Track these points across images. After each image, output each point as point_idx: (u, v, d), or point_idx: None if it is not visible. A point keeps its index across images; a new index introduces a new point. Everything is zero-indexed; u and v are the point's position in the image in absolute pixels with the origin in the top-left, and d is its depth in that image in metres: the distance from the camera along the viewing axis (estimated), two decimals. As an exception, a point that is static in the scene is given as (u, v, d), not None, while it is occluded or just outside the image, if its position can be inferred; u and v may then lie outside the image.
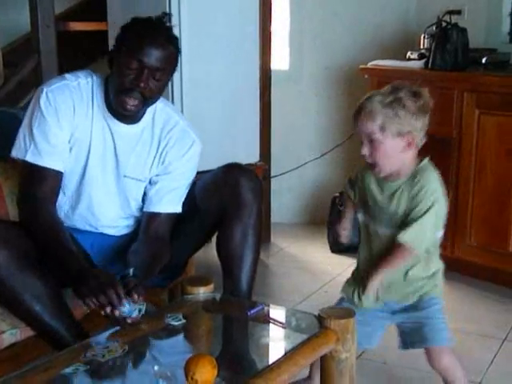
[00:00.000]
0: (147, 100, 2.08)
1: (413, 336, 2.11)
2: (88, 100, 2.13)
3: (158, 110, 2.19)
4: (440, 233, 2.07)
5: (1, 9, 3.76)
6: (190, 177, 2.27)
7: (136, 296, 1.84)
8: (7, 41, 4.12)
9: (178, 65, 2.14)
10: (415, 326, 2.09)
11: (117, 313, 1.81)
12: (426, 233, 1.99)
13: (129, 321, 1.83)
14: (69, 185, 2.16)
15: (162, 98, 2.21)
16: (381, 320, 2.13)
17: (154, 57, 2.02)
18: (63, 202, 2.18)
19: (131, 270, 1.92)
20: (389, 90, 2.00)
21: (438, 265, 2.11)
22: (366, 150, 2.00)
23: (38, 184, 2.07)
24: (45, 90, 2.09)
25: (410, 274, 2.05)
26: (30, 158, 2.08)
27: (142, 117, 2.17)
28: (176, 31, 2.16)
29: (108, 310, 1.81)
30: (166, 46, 2.06)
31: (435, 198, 1.99)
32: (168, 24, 2.13)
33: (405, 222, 1.99)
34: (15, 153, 2.12)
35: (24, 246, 1.99)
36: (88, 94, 2.13)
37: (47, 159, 2.08)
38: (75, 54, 3.91)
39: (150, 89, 2.05)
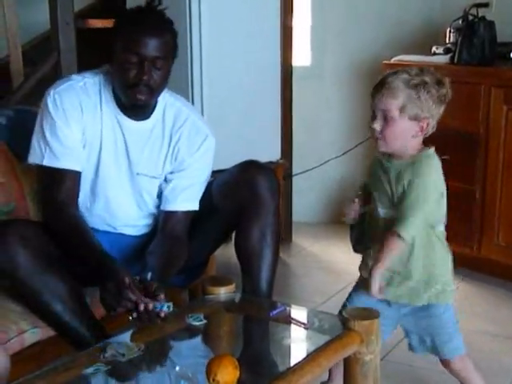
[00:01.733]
0: (154, 90, 2.07)
1: (422, 344, 2.12)
2: (96, 99, 2.14)
3: (169, 104, 2.19)
4: (441, 227, 2.06)
5: (20, 7, 3.78)
6: (206, 173, 2.26)
7: (161, 296, 1.85)
8: (26, 39, 4.16)
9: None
10: (423, 333, 2.10)
11: (150, 306, 1.82)
12: (416, 221, 1.97)
13: (162, 314, 1.84)
14: (83, 185, 2.18)
15: (172, 93, 2.21)
16: (388, 320, 2.11)
17: (151, 47, 2.01)
18: (80, 203, 2.19)
19: (149, 275, 1.93)
20: (415, 71, 1.99)
21: (445, 262, 2.07)
22: (377, 125, 2.00)
23: (58, 187, 2.09)
24: (51, 92, 2.11)
25: (411, 260, 2.03)
26: (47, 162, 2.10)
27: (152, 112, 2.18)
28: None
29: (142, 307, 1.82)
30: (162, 32, 2.04)
31: (428, 189, 1.97)
32: (159, 7, 2.10)
33: (399, 208, 1.98)
34: (32, 159, 2.14)
35: (44, 246, 2.02)
36: (95, 92, 2.14)
37: (64, 161, 2.10)
38: (95, 52, 3.92)
39: (155, 79, 2.04)
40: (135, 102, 2.07)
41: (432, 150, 2.04)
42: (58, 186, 2.10)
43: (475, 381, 2.15)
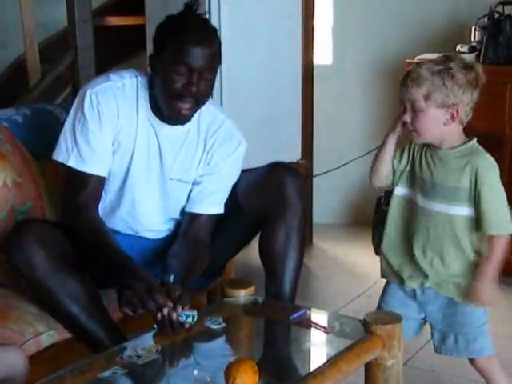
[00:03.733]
0: (200, 101, 2.08)
1: (443, 343, 2.11)
2: (132, 102, 2.13)
3: (204, 109, 2.17)
4: None
5: (37, 4, 3.81)
6: (234, 178, 2.27)
7: (184, 307, 1.85)
8: (44, 36, 4.18)
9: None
10: (448, 330, 2.09)
11: (174, 316, 1.83)
12: (504, 208, 1.98)
13: (186, 326, 1.85)
14: (111, 188, 2.18)
15: None
16: (413, 312, 2.12)
17: (200, 57, 2.01)
18: (104, 205, 2.20)
19: (171, 278, 1.93)
20: (440, 59, 2.00)
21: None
22: (407, 117, 2.00)
23: (79, 190, 2.09)
24: (88, 92, 2.09)
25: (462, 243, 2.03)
26: (72, 163, 2.09)
27: None
28: (215, 25, 2.16)
29: (165, 311, 1.82)
30: (210, 42, 2.05)
31: (498, 178, 2.00)
32: (202, 14, 2.11)
33: (483, 205, 1.97)
34: (57, 156, 2.13)
35: (61, 247, 2.03)
36: (133, 95, 2.13)
37: (90, 165, 2.09)
38: (113, 49, 3.95)
39: (202, 90, 2.05)
40: (180, 113, 2.07)
41: (475, 140, 2.03)
42: (80, 189, 2.09)
43: (500, 383, 2.13)
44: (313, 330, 1.98)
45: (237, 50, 3.20)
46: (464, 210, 2.01)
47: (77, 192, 2.09)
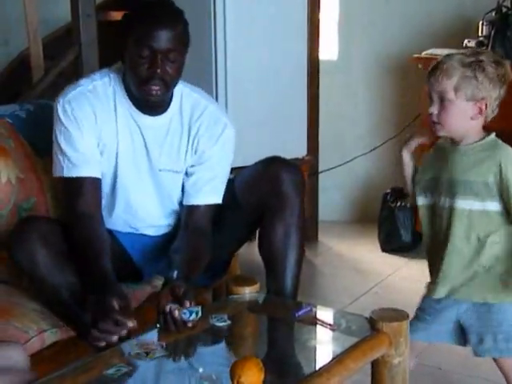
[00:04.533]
0: (168, 83, 2.07)
1: (481, 344, 2.05)
2: (108, 100, 2.13)
3: (185, 96, 2.18)
4: None
5: (40, -1, 3.82)
6: (227, 164, 2.25)
7: (188, 303, 1.85)
8: (47, 32, 4.18)
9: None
10: (484, 331, 2.04)
11: (176, 313, 1.82)
12: None
13: (189, 325, 1.84)
14: (103, 189, 2.17)
15: (186, 83, 2.20)
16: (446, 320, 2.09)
17: (163, 39, 2.00)
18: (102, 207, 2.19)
19: (175, 273, 1.93)
20: (470, 51, 1.99)
21: None
22: (434, 109, 1.97)
23: (78, 197, 2.09)
24: (61, 101, 2.11)
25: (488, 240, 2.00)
26: (66, 173, 2.10)
27: (168, 106, 2.17)
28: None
29: (168, 309, 1.82)
30: (173, 24, 2.04)
31: None
32: None
33: (508, 203, 1.94)
34: (55, 172, 2.15)
35: (64, 244, 2.03)
36: (107, 94, 2.14)
37: (82, 168, 2.10)
38: (117, 45, 3.93)
39: (168, 72, 2.04)
40: (150, 97, 2.06)
41: (493, 134, 2.02)
42: (78, 196, 2.09)
43: None
44: (318, 327, 1.98)
45: (242, 45, 3.19)
46: (490, 205, 1.98)
47: (76, 200, 2.09)
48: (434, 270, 2.08)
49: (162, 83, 2.04)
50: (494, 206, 1.98)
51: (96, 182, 2.13)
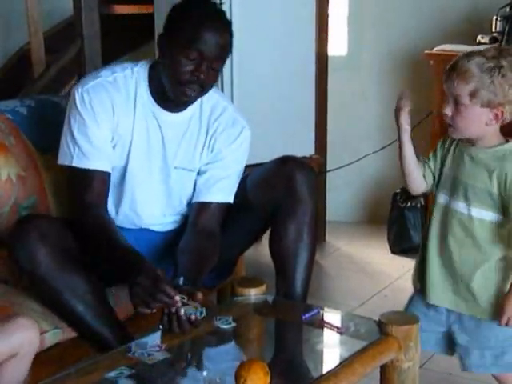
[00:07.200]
0: (205, 89, 2.11)
1: (471, 358, 2.03)
2: (128, 93, 2.15)
3: (205, 96, 2.20)
4: None
5: (42, -8, 3.83)
6: (240, 165, 2.27)
7: (195, 303, 1.85)
8: (49, 25, 4.19)
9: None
10: (473, 346, 2.02)
11: (182, 311, 1.82)
12: None
13: (192, 318, 1.84)
14: (112, 182, 2.18)
15: None
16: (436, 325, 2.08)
17: (214, 46, 2.04)
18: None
19: (181, 280, 1.93)
20: (492, 53, 1.92)
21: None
22: (448, 110, 1.94)
23: (87, 188, 2.11)
24: (79, 90, 2.12)
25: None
26: (76, 163, 2.12)
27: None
28: (227, 15, 2.17)
29: (173, 309, 1.82)
30: (224, 32, 2.08)
31: None
32: (218, 4, 2.15)
33: (507, 218, 1.92)
34: (61, 160, 2.16)
35: (65, 244, 2.03)
36: (127, 87, 2.15)
37: (94, 161, 2.11)
38: (120, 39, 3.95)
39: (209, 79, 2.08)
40: (183, 98, 2.10)
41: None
42: (86, 188, 2.11)
43: None
44: (326, 330, 1.97)
45: (249, 40, 3.19)
46: (487, 215, 1.96)
47: (84, 191, 2.11)
48: (427, 273, 2.05)
49: (199, 88, 2.09)
50: (490, 216, 1.96)
51: (105, 176, 2.14)
